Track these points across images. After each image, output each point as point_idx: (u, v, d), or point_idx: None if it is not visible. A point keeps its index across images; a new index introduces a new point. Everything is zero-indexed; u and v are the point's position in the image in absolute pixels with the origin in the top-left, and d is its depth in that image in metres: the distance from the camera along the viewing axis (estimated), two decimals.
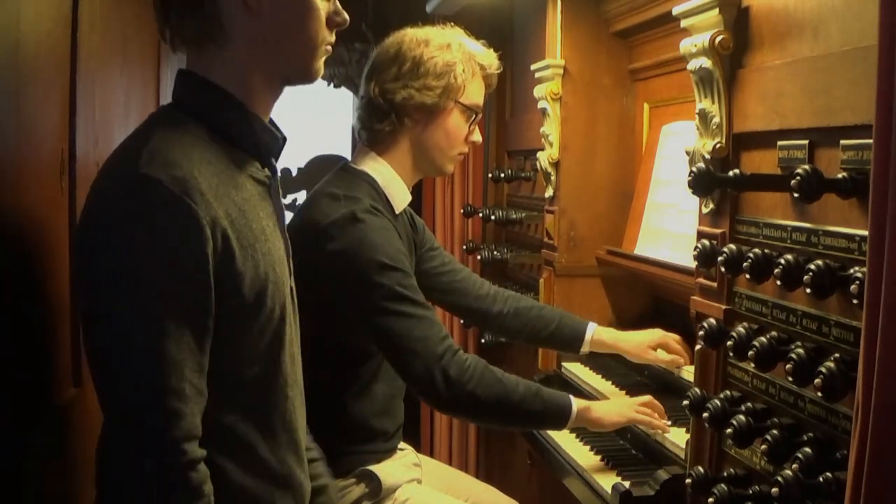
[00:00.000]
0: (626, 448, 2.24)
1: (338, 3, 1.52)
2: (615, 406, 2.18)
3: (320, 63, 1.51)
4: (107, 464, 1.35)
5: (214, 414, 1.38)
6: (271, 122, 1.55)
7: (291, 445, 1.53)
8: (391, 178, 2.23)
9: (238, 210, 1.39)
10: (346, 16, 1.52)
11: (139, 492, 1.31)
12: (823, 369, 1.25)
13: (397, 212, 2.23)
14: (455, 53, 2.21)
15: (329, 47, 1.52)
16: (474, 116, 2.27)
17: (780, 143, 1.50)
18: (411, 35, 2.23)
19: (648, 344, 2.40)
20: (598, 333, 2.47)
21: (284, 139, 1.57)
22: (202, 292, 1.33)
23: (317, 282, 2.08)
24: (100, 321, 1.33)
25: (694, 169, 1.51)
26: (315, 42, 1.48)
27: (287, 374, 1.51)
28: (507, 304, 2.50)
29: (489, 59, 2.29)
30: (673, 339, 2.37)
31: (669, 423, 2.13)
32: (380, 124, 2.21)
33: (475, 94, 2.26)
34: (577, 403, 2.09)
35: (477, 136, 2.32)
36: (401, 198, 2.24)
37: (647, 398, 2.19)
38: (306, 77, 1.52)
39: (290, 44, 1.47)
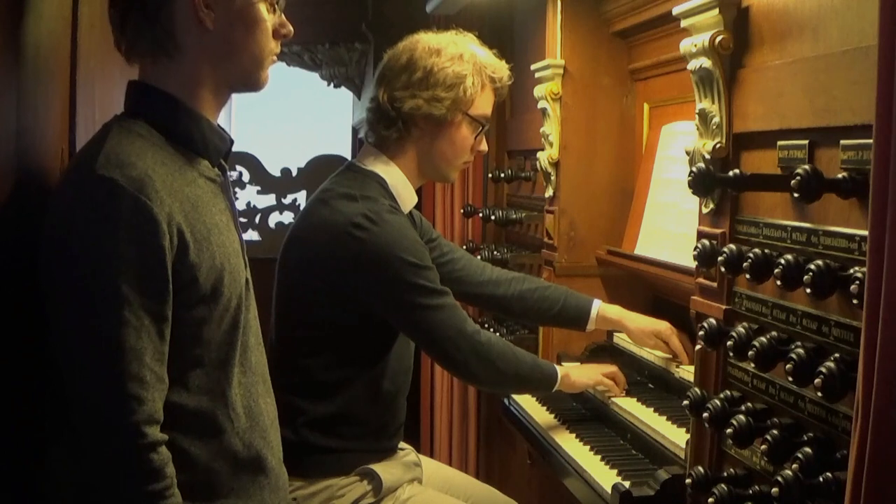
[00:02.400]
0: (626, 448, 2.24)
1: (283, 16, 1.61)
2: (586, 371, 2.42)
3: (266, 72, 1.62)
4: (71, 453, 1.43)
5: (179, 399, 1.47)
6: (218, 125, 1.63)
7: (257, 430, 1.60)
8: (399, 180, 2.25)
9: (191, 205, 1.48)
10: (291, 28, 1.63)
11: (101, 475, 1.39)
12: (823, 369, 1.25)
13: (405, 212, 2.24)
14: (466, 65, 2.22)
15: (275, 57, 1.63)
16: (481, 128, 2.29)
17: (780, 143, 1.50)
18: (424, 43, 2.23)
19: (652, 331, 2.41)
20: (603, 310, 2.49)
21: (232, 141, 1.67)
22: (160, 284, 1.41)
23: (337, 282, 2.12)
24: (62, 314, 1.41)
25: (694, 169, 1.51)
26: (262, 54, 1.59)
27: (245, 360, 1.59)
28: (511, 286, 2.52)
29: (501, 70, 2.30)
30: (677, 335, 2.37)
31: (625, 393, 2.38)
32: (387, 131, 2.22)
33: (484, 105, 2.28)
34: (560, 370, 2.33)
35: (483, 146, 2.36)
36: (408, 199, 2.27)
37: (614, 368, 2.42)
38: (253, 86, 1.63)
39: (239, 56, 1.57)
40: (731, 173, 1.47)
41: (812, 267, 1.28)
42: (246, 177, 5.02)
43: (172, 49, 1.52)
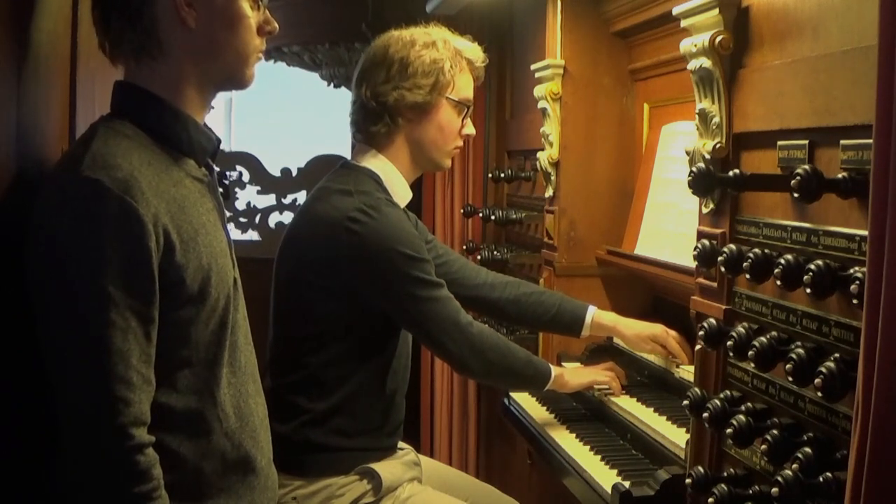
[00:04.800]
0: (626, 448, 2.24)
1: (268, 13, 1.61)
2: (582, 372, 2.46)
3: (252, 70, 1.62)
4: (61, 454, 1.43)
5: (167, 399, 1.48)
6: (205, 125, 1.63)
7: (247, 430, 1.60)
8: (392, 175, 2.27)
9: (178, 206, 1.48)
10: (276, 24, 1.62)
11: (89, 476, 1.40)
12: (823, 369, 1.25)
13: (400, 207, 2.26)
14: (441, 51, 2.25)
15: (261, 54, 1.62)
16: (466, 110, 2.32)
17: (780, 143, 1.50)
18: (396, 37, 2.28)
19: (648, 336, 2.41)
20: (598, 317, 2.49)
21: (219, 140, 1.66)
22: (147, 285, 1.41)
23: (336, 276, 2.13)
24: (49, 316, 1.42)
25: (694, 169, 1.51)
26: (246, 51, 1.59)
27: (234, 360, 1.59)
28: (507, 290, 2.53)
29: (475, 52, 2.34)
30: (673, 336, 2.38)
31: (624, 391, 2.40)
32: (375, 126, 2.25)
33: (464, 88, 2.31)
34: (554, 370, 2.36)
35: (470, 129, 2.37)
36: (402, 194, 2.29)
37: (610, 364, 2.47)
38: (238, 84, 1.63)
39: (222, 54, 1.57)
40: (731, 173, 1.47)
41: (812, 267, 1.28)
42: (246, 177, 5.01)
43: (155, 49, 1.53)
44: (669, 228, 2.47)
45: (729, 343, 1.49)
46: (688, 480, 1.57)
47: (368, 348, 2.22)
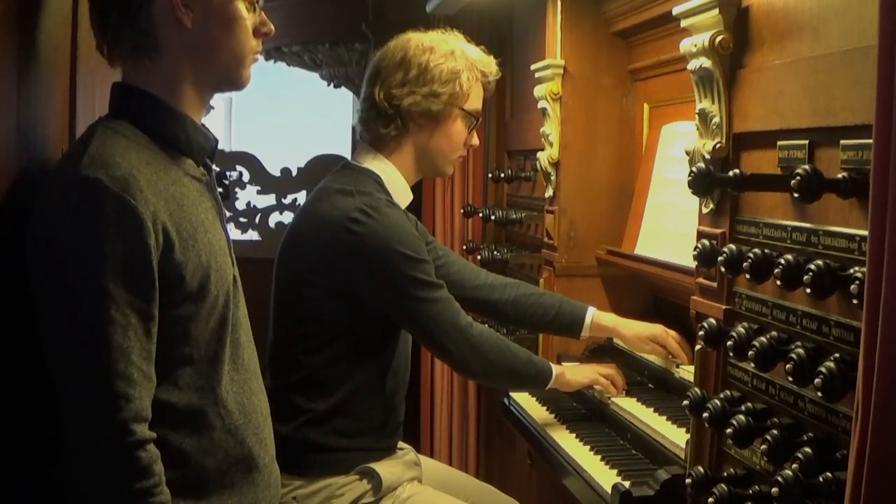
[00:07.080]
0: (626, 448, 2.24)
1: (263, 15, 1.63)
2: (583, 370, 2.44)
3: (248, 71, 1.63)
4: (62, 451, 1.44)
5: (168, 396, 1.49)
6: (203, 125, 1.64)
7: (250, 427, 1.62)
8: (394, 177, 2.28)
9: (177, 204, 1.49)
10: (272, 26, 1.64)
11: (90, 472, 1.41)
12: (823, 369, 1.25)
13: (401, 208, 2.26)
14: (459, 61, 2.26)
15: (256, 56, 1.64)
16: (474, 122, 2.34)
17: (780, 143, 1.50)
18: (416, 41, 2.27)
19: (648, 336, 2.41)
20: (597, 318, 2.49)
21: (216, 140, 1.68)
22: (146, 283, 1.42)
23: (336, 276, 2.14)
24: (50, 313, 1.43)
25: (694, 169, 1.51)
26: (242, 53, 1.60)
27: (236, 357, 1.61)
28: (506, 292, 2.53)
29: (490, 66, 2.35)
30: (673, 336, 2.38)
31: (624, 394, 2.38)
32: (385, 129, 2.25)
33: (476, 100, 2.33)
34: (555, 369, 2.35)
35: (475, 140, 2.40)
36: (403, 196, 2.29)
37: (611, 370, 2.42)
38: (234, 85, 1.64)
39: (219, 55, 1.58)
40: (731, 173, 1.47)
41: (812, 267, 1.28)
42: (246, 177, 5.01)
43: (153, 50, 1.54)
44: (669, 228, 2.47)
45: (729, 343, 1.49)
46: (688, 480, 1.57)
47: (368, 348, 2.22)
